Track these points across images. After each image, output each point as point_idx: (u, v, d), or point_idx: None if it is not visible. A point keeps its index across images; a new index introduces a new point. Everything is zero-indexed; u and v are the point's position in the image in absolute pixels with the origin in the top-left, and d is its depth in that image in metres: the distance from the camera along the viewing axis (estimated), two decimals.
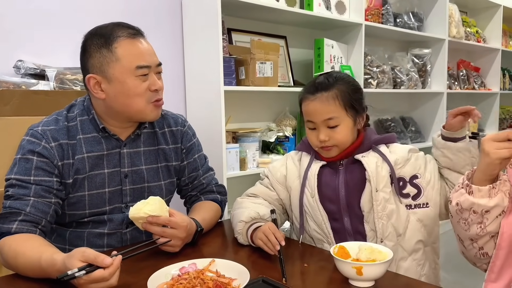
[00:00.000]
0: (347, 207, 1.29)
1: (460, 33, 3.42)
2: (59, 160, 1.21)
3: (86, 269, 0.92)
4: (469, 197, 1.01)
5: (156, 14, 2.18)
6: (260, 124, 2.55)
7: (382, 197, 1.24)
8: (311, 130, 1.30)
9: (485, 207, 0.99)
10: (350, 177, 1.29)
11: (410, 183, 1.27)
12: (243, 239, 1.27)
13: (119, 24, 1.24)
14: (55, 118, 1.26)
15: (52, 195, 1.19)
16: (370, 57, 2.87)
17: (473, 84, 3.84)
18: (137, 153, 1.34)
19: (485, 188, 0.98)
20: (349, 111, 1.27)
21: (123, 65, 1.19)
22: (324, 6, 2.52)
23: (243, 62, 2.21)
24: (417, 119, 3.44)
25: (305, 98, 1.30)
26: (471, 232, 1.04)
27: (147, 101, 1.24)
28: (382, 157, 1.27)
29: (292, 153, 1.45)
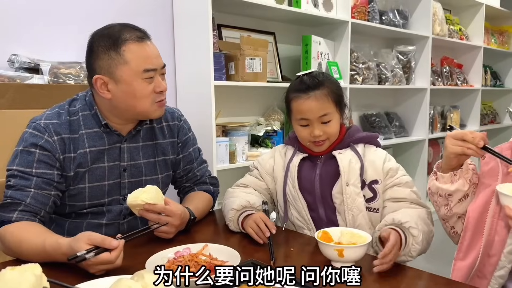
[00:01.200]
0: (321, 198, 1.38)
1: (443, 30, 3.52)
2: (61, 154, 1.25)
3: (95, 251, 0.98)
4: (436, 182, 1.19)
5: (147, 10, 2.22)
6: (249, 118, 2.62)
7: (352, 191, 1.33)
8: (303, 127, 1.37)
9: (447, 191, 1.17)
10: (325, 171, 1.39)
11: (368, 186, 1.36)
12: (234, 226, 1.34)
13: (126, 25, 1.27)
14: (57, 111, 1.30)
15: (52, 188, 1.23)
16: (356, 53, 2.95)
17: (456, 80, 3.95)
18: (136, 148, 1.39)
19: (447, 175, 1.16)
20: (337, 107, 1.37)
21: (131, 68, 1.22)
22: (311, 4, 2.59)
23: (232, 57, 2.27)
24: (401, 114, 3.54)
25: (297, 97, 1.36)
26: (441, 212, 1.22)
27: (152, 102, 1.29)
28: (357, 155, 1.36)
29: (280, 147, 1.54)
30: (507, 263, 1.08)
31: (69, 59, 1.88)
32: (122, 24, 1.28)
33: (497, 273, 1.08)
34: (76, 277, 1.00)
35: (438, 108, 3.78)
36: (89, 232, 1.04)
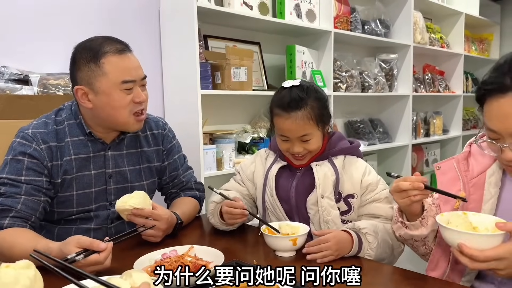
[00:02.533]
0: (296, 208, 1.41)
1: (424, 39, 3.63)
2: (49, 161, 1.30)
3: (84, 253, 1.03)
4: (407, 231, 1.18)
5: (134, 21, 2.28)
6: (236, 126, 2.68)
7: (327, 203, 1.35)
8: (284, 141, 1.37)
9: (422, 236, 1.17)
10: (301, 182, 1.41)
11: (344, 199, 1.37)
12: (214, 219, 1.40)
13: (108, 38, 1.33)
14: (44, 121, 1.35)
15: (42, 194, 1.28)
16: (340, 62, 3.03)
17: (438, 87, 4.06)
18: (120, 155, 1.44)
19: (416, 222, 1.16)
20: (319, 125, 1.35)
21: (109, 79, 1.28)
22: (295, 15, 2.67)
23: (219, 67, 2.33)
24: (384, 120, 3.63)
25: (278, 114, 1.34)
26: (420, 252, 1.24)
27: (130, 112, 1.33)
28: (334, 168, 1.37)
29: (262, 151, 1.55)
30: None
31: (58, 71, 1.93)
32: (105, 37, 1.33)
33: (465, 278, 1.14)
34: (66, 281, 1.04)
35: (421, 114, 3.87)
36: (78, 236, 1.09)
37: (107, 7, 2.18)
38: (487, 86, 1.02)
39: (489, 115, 1.03)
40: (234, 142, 2.46)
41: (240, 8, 2.38)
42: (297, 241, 1.20)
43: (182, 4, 2.17)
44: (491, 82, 1.01)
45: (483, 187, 1.13)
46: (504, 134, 1.00)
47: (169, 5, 2.29)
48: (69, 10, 2.05)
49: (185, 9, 2.15)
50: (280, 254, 1.22)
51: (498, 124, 1.00)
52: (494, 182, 1.12)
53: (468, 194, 1.14)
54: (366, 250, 1.22)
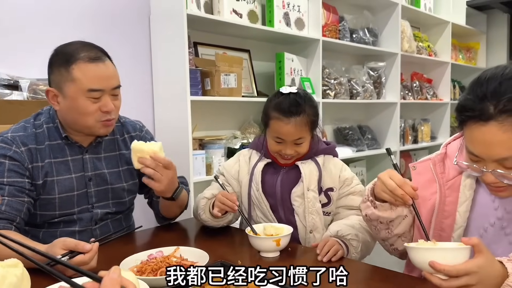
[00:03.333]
0: (281, 201, 1.50)
1: (412, 47, 3.70)
2: (29, 163, 1.33)
3: (70, 255, 1.05)
4: (375, 211, 1.18)
5: (125, 28, 2.31)
6: (225, 132, 2.70)
7: (312, 196, 1.48)
8: (277, 143, 1.47)
9: (389, 219, 1.18)
10: (286, 177, 1.52)
11: (324, 192, 1.51)
12: (205, 215, 1.45)
13: (86, 44, 1.35)
14: (23, 125, 1.39)
15: (25, 195, 1.30)
16: (328, 70, 3.08)
17: (426, 94, 4.13)
18: (98, 158, 1.47)
19: (386, 204, 1.16)
20: (312, 130, 1.50)
21: (76, 85, 1.30)
22: (284, 23, 2.71)
23: (208, 73, 2.36)
24: (373, 127, 3.68)
25: (277, 118, 1.44)
26: (381, 235, 1.25)
27: (96, 120, 1.35)
28: (317, 166, 1.51)
29: (244, 151, 1.65)
30: None
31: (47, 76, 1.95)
32: (83, 43, 1.36)
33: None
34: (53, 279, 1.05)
35: (409, 121, 3.93)
36: (64, 238, 1.11)
37: (98, 14, 2.21)
38: (467, 113, 0.99)
39: (470, 140, 1.01)
40: (223, 147, 2.49)
41: (230, 16, 2.42)
42: (280, 242, 1.24)
43: (172, 11, 2.21)
44: (472, 108, 0.98)
45: (458, 189, 1.15)
46: (486, 159, 1.00)
47: (160, 12, 2.32)
48: (60, 16, 2.08)
49: (175, 16, 2.19)
50: (264, 255, 1.25)
51: (479, 150, 1.00)
52: (469, 185, 1.15)
53: (444, 196, 1.17)
54: (352, 254, 1.31)
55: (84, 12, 2.15)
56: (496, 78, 0.98)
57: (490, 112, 0.95)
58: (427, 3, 4.00)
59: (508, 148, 0.96)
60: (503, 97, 0.95)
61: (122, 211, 1.52)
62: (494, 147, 0.97)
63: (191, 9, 2.22)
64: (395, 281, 1.10)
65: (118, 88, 1.40)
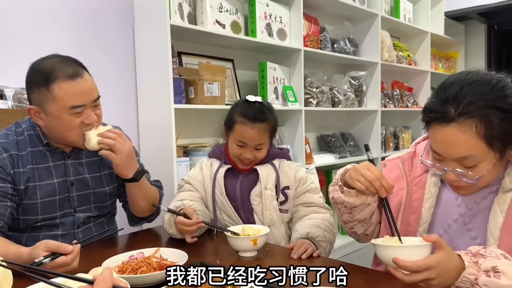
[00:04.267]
0: (241, 202, 1.60)
1: (391, 57, 3.80)
2: (11, 169, 1.37)
3: (51, 256, 1.09)
4: (341, 195, 1.26)
5: (109, 38, 2.36)
6: (210, 139, 2.75)
7: (270, 194, 1.60)
8: (238, 147, 1.60)
9: (353, 205, 1.26)
10: (245, 180, 1.63)
11: (281, 191, 1.63)
12: (172, 230, 1.49)
13: (62, 61, 1.36)
14: (5, 132, 1.43)
15: (8, 199, 1.34)
16: (310, 78, 3.16)
17: (407, 102, 4.24)
18: (80, 163, 1.51)
19: (353, 191, 1.24)
20: (271, 138, 1.65)
21: (58, 104, 1.32)
22: (266, 33, 2.79)
23: (192, 82, 2.42)
24: (355, 134, 3.76)
25: (242, 122, 1.57)
26: (344, 218, 1.34)
27: (80, 133, 1.39)
28: (274, 168, 1.65)
29: (205, 160, 1.76)
30: None
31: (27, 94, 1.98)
32: (59, 59, 1.37)
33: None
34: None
35: (390, 129, 4.03)
36: (47, 240, 1.15)
37: (82, 24, 2.25)
38: (431, 114, 1.07)
39: (434, 139, 1.09)
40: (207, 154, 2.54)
41: (213, 27, 2.49)
42: (257, 241, 1.30)
43: (156, 22, 2.26)
44: (436, 110, 1.06)
45: (424, 186, 1.23)
46: (448, 158, 1.08)
47: (143, 22, 2.38)
48: (45, 27, 2.12)
49: (159, 27, 2.24)
50: (242, 254, 1.30)
51: (441, 149, 1.08)
52: (434, 182, 1.23)
53: (410, 192, 1.25)
54: (321, 254, 1.40)
55: (68, 21, 2.20)
56: (458, 83, 1.06)
57: (451, 115, 1.03)
58: (407, 14, 4.12)
59: (467, 148, 1.03)
60: (463, 101, 1.03)
61: (104, 214, 1.56)
62: (454, 147, 1.05)
63: (175, 20, 2.28)
64: (363, 276, 1.16)
65: (98, 99, 1.43)
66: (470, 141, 1.02)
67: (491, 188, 1.14)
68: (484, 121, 1.01)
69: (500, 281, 0.94)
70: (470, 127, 1.01)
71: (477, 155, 1.03)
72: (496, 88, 1.03)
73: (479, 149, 1.03)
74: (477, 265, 0.97)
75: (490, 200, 1.13)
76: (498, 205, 1.10)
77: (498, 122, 1.01)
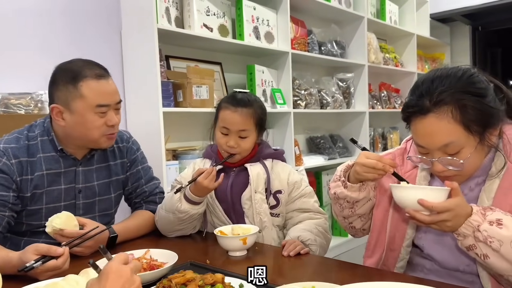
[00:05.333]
0: (232, 205, 1.58)
1: (378, 58, 3.85)
2: (18, 176, 1.35)
3: (42, 260, 1.08)
4: (344, 190, 1.28)
5: (97, 42, 2.36)
6: (199, 142, 2.76)
7: (259, 197, 1.56)
8: (223, 135, 1.56)
9: (355, 199, 1.29)
10: (236, 182, 1.59)
11: (273, 195, 1.59)
12: (183, 206, 1.46)
13: (89, 62, 1.42)
14: (16, 136, 1.41)
15: (7, 209, 1.33)
16: (298, 81, 3.19)
17: (394, 103, 4.28)
18: (90, 170, 1.51)
19: (356, 186, 1.27)
20: (257, 128, 1.59)
21: (85, 102, 1.36)
22: (254, 36, 2.81)
23: (180, 85, 2.43)
24: (344, 136, 3.79)
25: (225, 107, 1.56)
26: (344, 213, 1.35)
27: (102, 133, 1.42)
28: (265, 169, 1.59)
29: (198, 161, 1.74)
30: (406, 254, 1.26)
31: (19, 90, 1.98)
32: (85, 61, 1.42)
33: (398, 264, 1.26)
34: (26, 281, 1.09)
35: (378, 130, 4.07)
36: (36, 244, 1.14)
37: (69, 28, 2.25)
38: (409, 109, 1.13)
39: (415, 133, 1.15)
40: (197, 158, 2.54)
41: (201, 30, 2.50)
42: (247, 241, 1.30)
43: (143, 26, 2.27)
44: (413, 105, 1.12)
45: (415, 180, 1.27)
46: (432, 149, 1.12)
47: (131, 26, 2.38)
48: (32, 31, 2.11)
49: (146, 30, 2.25)
50: (232, 254, 1.30)
51: (424, 141, 1.13)
52: (424, 176, 1.26)
53: None
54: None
55: (55, 26, 2.20)
56: (429, 79, 1.14)
57: (427, 106, 1.09)
58: (392, 16, 4.18)
59: (447, 135, 1.08)
60: (435, 92, 1.09)
61: (106, 223, 1.55)
62: (435, 135, 1.09)
63: (162, 24, 2.29)
64: (352, 271, 1.18)
65: (120, 103, 1.47)
66: (448, 127, 1.07)
67: (477, 179, 1.18)
68: (458, 106, 1.07)
69: (501, 230, 1.00)
70: (446, 114, 1.07)
71: (458, 140, 1.08)
72: (463, 78, 1.10)
73: (459, 134, 1.08)
74: (484, 215, 1.03)
75: (478, 191, 1.17)
76: (485, 194, 1.14)
77: (471, 105, 1.07)
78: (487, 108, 1.08)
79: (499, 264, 1.01)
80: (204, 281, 0.92)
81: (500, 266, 1.01)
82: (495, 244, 0.99)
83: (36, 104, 1.95)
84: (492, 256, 1.01)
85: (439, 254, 1.22)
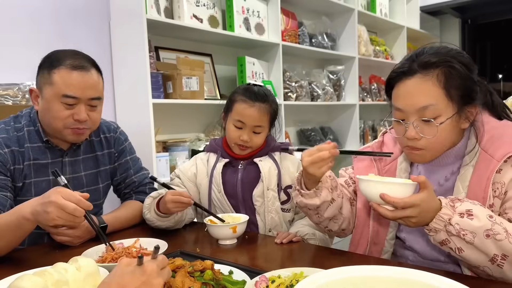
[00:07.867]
0: (243, 201, 1.53)
1: (368, 51, 3.86)
2: (11, 165, 1.36)
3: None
4: (302, 199, 1.25)
5: (85, 32, 2.33)
6: (190, 134, 2.75)
7: (272, 195, 1.51)
8: (236, 129, 1.51)
9: (315, 205, 1.24)
10: (246, 176, 1.54)
11: (284, 190, 1.54)
12: (150, 214, 1.43)
13: (76, 53, 1.41)
14: (4, 127, 1.41)
15: (8, 191, 1.34)
16: (289, 73, 3.19)
17: (384, 96, 4.30)
18: (77, 161, 1.51)
19: (311, 192, 1.22)
20: (270, 124, 1.56)
21: (53, 89, 1.35)
22: (244, 28, 2.80)
23: (170, 77, 2.41)
24: (334, 128, 3.81)
25: (243, 101, 1.50)
26: (313, 220, 1.33)
27: (66, 126, 1.38)
28: (275, 163, 1.55)
29: (201, 155, 1.66)
30: (389, 247, 1.27)
31: (7, 81, 1.95)
32: (75, 52, 1.42)
33: (383, 256, 1.27)
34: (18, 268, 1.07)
35: (369, 122, 4.09)
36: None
37: (57, 19, 2.22)
38: (398, 70, 1.16)
39: (396, 96, 1.15)
40: (187, 150, 2.53)
41: (190, 21, 2.49)
42: (236, 229, 1.30)
43: (131, 16, 2.25)
44: (401, 67, 1.15)
45: (395, 173, 1.27)
46: (409, 111, 1.11)
47: (119, 17, 2.36)
48: (19, 22, 2.08)
49: (135, 21, 2.23)
50: (222, 243, 1.30)
51: (403, 102, 1.12)
52: (404, 168, 1.26)
53: None
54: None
55: (42, 17, 2.17)
56: (420, 48, 1.17)
57: (415, 68, 1.11)
58: (383, 9, 4.19)
59: (428, 97, 1.09)
60: (425, 55, 1.12)
61: (95, 213, 1.53)
62: (416, 96, 1.11)
63: (151, 14, 2.27)
64: (340, 258, 1.19)
65: (97, 100, 1.42)
66: (431, 89, 1.09)
67: (452, 168, 1.18)
68: (444, 71, 1.09)
69: (472, 222, 0.98)
70: (432, 76, 1.09)
71: (437, 105, 1.09)
72: (453, 50, 1.15)
73: (439, 98, 1.09)
74: (453, 207, 1.01)
75: (453, 180, 1.17)
76: (460, 183, 1.14)
77: (457, 73, 1.09)
78: (471, 80, 1.11)
79: (474, 256, 1.00)
80: (193, 267, 0.92)
81: (475, 258, 1.00)
82: (468, 236, 0.98)
83: (24, 95, 1.93)
84: (466, 249, 0.99)
85: (420, 245, 1.22)
